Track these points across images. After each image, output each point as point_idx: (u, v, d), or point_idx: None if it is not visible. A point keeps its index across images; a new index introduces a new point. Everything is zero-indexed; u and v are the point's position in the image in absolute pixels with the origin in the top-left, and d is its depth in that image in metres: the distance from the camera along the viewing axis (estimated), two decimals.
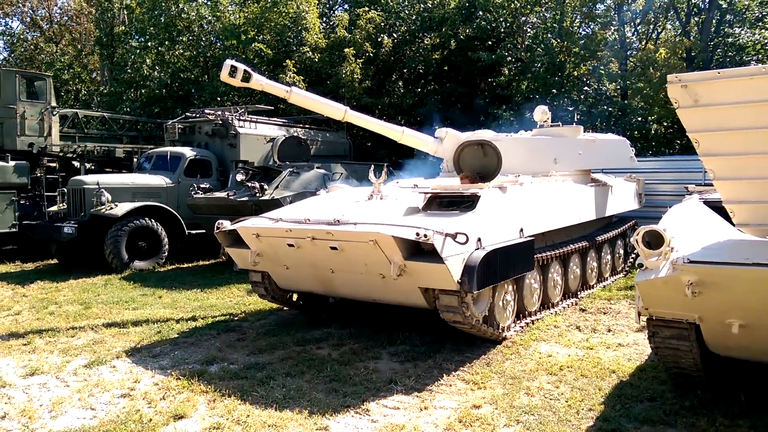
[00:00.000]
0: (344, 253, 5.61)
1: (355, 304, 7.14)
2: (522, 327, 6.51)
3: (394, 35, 18.53)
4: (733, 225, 4.14)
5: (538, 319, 6.85)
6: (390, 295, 5.88)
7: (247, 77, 7.02)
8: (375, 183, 6.72)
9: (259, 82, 7.22)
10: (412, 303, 5.81)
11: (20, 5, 30.05)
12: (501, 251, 5.59)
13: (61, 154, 14.04)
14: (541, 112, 9.32)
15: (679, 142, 14.52)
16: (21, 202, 12.65)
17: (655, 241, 3.89)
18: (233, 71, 6.92)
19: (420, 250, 5.28)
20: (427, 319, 6.40)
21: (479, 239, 5.44)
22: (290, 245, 5.91)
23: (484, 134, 8.18)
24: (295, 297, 7.36)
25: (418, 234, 4.99)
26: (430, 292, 5.57)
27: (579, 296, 7.98)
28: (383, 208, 6.11)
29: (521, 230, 6.21)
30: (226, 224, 6.55)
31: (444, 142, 8.21)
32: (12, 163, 12.44)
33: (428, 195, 6.18)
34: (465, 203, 5.99)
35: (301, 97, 7.70)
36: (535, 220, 6.63)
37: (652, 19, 18.75)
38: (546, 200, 7.13)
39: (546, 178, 7.85)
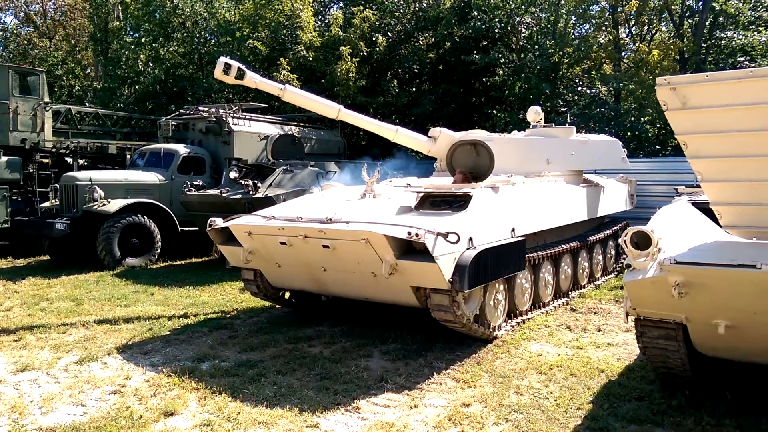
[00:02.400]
0: (336, 252, 5.63)
1: (348, 302, 7.16)
2: (513, 326, 6.55)
3: (389, 34, 18.53)
4: (721, 226, 4.18)
5: (528, 319, 6.89)
6: (382, 293, 5.90)
7: (240, 75, 7.03)
8: (368, 182, 6.74)
9: (253, 79, 7.23)
10: (404, 302, 5.84)
11: (14, 0, 29.88)
12: (492, 251, 5.63)
13: (53, 149, 13.96)
14: (534, 113, 9.37)
15: (672, 143, 14.60)
16: (13, 197, 12.60)
17: (643, 241, 3.93)
18: (227, 68, 6.94)
19: (412, 249, 5.31)
20: (418, 317, 6.43)
21: (471, 239, 5.48)
22: (282, 243, 5.93)
23: (478, 134, 8.21)
24: (287, 295, 7.37)
25: (409, 233, 5.02)
26: (422, 291, 5.60)
27: (570, 296, 8.02)
28: (376, 207, 6.13)
29: (513, 230, 6.26)
30: (219, 222, 6.56)
31: (437, 141, 8.22)
32: (4, 158, 12.36)
33: (420, 194, 6.21)
34: (457, 203, 6.02)
35: (295, 95, 7.71)
36: (526, 220, 6.67)
37: (646, 21, 18.84)
38: (538, 200, 7.18)
39: (538, 179, 7.90)
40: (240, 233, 6.30)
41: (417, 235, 4.99)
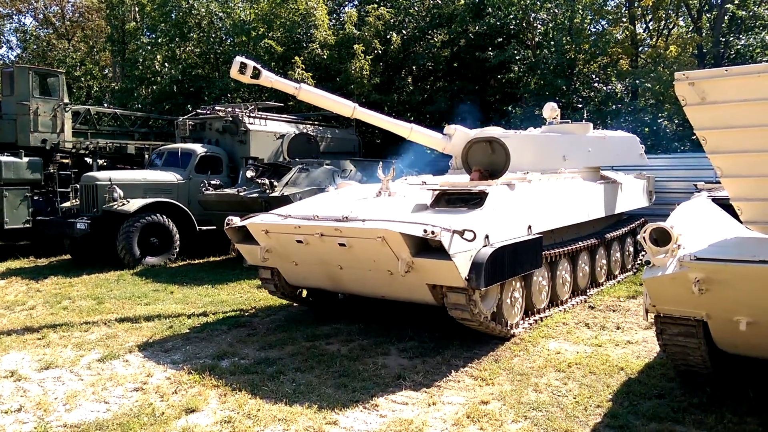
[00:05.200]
0: (352, 250, 5.65)
1: (365, 300, 7.18)
2: (530, 324, 6.53)
3: (404, 32, 18.51)
4: (741, 222, 4.14)
5: (546, 317, 6.86)
6: (398, 291, 5.92)
7: (256, 74, 7.06)
8: (383, 180, 6.74)
9: (269, 78, 7.26)
10: (420, 299, 5.85)
11: (33, 2, 30.32)
12: (509, 248, 5.61)
13: (73, 150, 14.16)
14: (550, 109, 9.32)
15: (690, 139, 14.42)
16: (34, 198, 12.79)
17: (662, 238, 3.91)
18: (243, 68, 6.96)
19: (428, 247, 5.31)
20: (435, 315, 6.44)
21: (487, 236, 5.47)
22: (299, 241, 5.96)
23: (493, 131, 8.18)
24: (304, 293, 7.41)
25: (425, 231, 5.02)
26: (438, 288, 5.60)
27: (588, 294, 7.98)
28: (391, 205, 6.14)
29: (529, 227, 6.24)
30: (236, 220, 6.60)
31: (453, 138, 8.20)
32: (25, 159, 12.56)
33: (436, 192, 6.20)
34: (473, 200, 6.01)
35: (310, 93, 7.73)
36: (543, 217, 6.64)
37: (663, 16, 18.61)
38: (555, 197, 7.15)
39: (555, 175, 7.85)
40: (257, 232, 6.35)
41: (433, 232, 4.98)
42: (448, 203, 6.11)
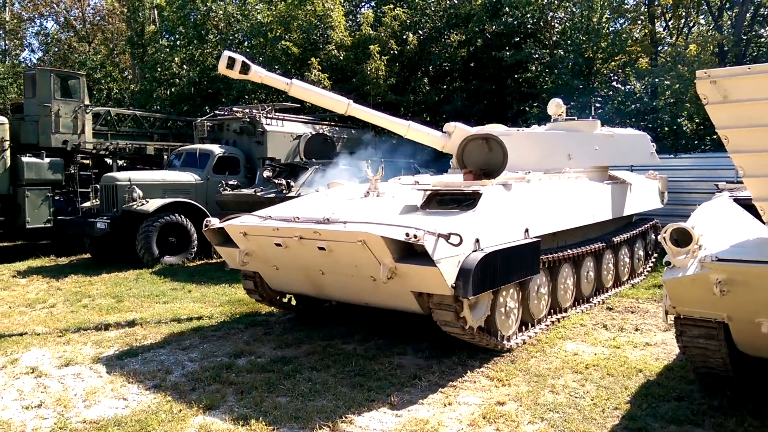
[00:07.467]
0: (333, 254, 5.30)
1: None
2: (529, 337, 6.09)
3: (420, 32, 18.50)
4: (764, 223, 4.07)
5: (550, 324, 6.54)
6: (382, 299, 5.59)
7: (245, 69, 6.58)
8: (371, 179, 6.38)
9: (258, 74, 6.78)
10: (406, 308, 5.51)
11: (54, 5, 30.80)
12: (502, 253, 5.23)
13: (94, 151, 14.34)
14: (555, 106, 8.92)
15: (713, 138, 14.20)
16: (55, 198, 13.01)
17: (683, 238, 3.86)
18: (231, 63, 6.51)
19: (412, 252, 4.92)
20: None
21: (477, 240, 5.12)
22: (278, 245, 5.61)
23: (494, 128, 7.77)
24: (293, 301, 7.13)
25: (407, 234, 4.66)
26: (425, 296, 5.26)
27: (592, 303, 7.55)
28: (378, 207, 5.81)
29: (527, 230, 5.87)
30: (214, 221, 6.27)
31: (452, 136, 7.73)
32: (47, 160, 12.77)
33: (427, 192, 5.85)
34: (466, 201, 5.67)
35: (302, 89, 7.22)
36: (542, 220, 6.26)
37: (683, 14, 18.38)
38: (556, 198, 6.75)
39: (558, 175, 7.42)
40: (235, 234, 5.99)
41: (415, 236, 4.61)
42: (440, 204, 5.75)
